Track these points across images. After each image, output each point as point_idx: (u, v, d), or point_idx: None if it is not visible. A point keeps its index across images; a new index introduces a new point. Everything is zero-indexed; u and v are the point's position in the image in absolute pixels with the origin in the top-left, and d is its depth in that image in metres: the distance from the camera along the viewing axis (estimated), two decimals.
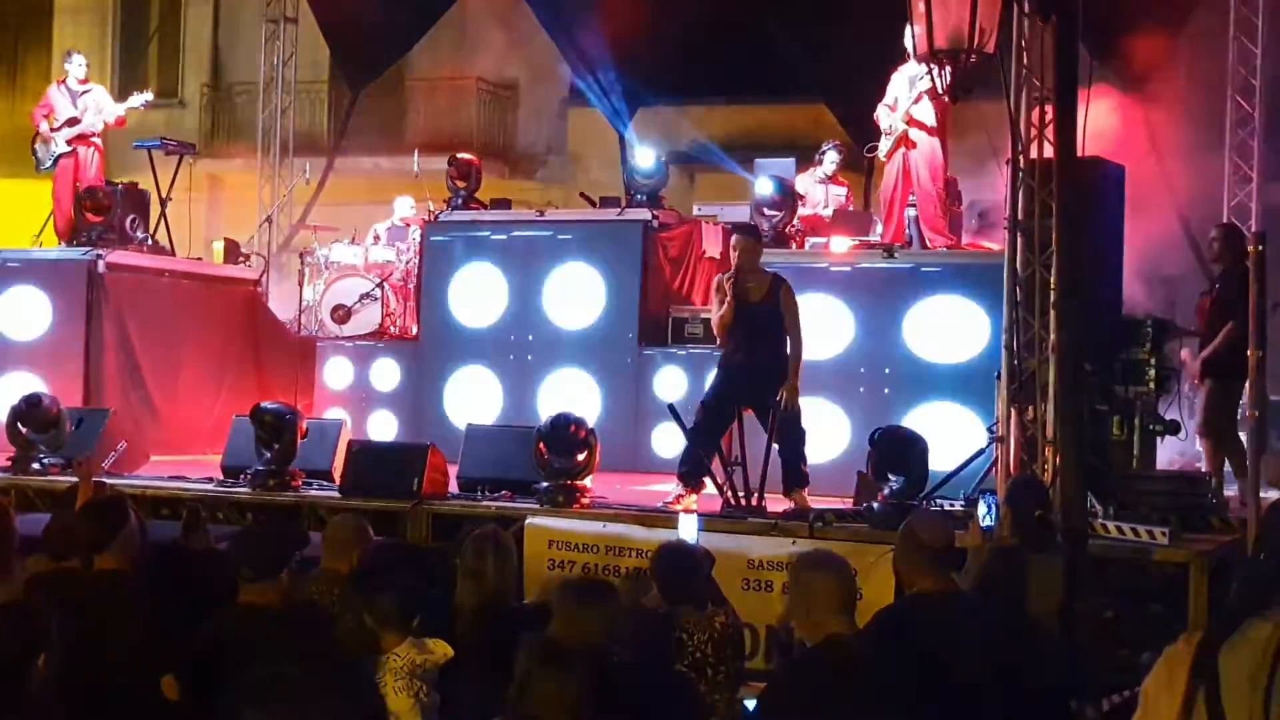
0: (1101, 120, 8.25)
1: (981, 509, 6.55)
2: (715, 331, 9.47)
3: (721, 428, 9.18)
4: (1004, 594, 5.81)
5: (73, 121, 13.45)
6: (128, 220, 13.17)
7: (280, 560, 5.14)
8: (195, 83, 22.14)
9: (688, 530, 6.74)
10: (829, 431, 10.30)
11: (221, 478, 9.92)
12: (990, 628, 5.35)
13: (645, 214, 12.32)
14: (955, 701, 5.07)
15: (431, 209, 13.60)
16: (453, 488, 9.40)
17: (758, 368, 9.07)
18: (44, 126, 13.56)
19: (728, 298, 9.05)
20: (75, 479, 9.21)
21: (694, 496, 8.90)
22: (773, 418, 8.90)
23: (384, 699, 5.29)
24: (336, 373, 13.36)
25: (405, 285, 14.21)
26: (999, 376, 8.83)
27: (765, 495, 8.67)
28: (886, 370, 10.41)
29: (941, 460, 8.85)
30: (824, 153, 13.19)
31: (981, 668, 5.21)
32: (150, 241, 13.53)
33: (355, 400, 13.11)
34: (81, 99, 13.54)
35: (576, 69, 17.46)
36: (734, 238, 9.39)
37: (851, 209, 13.02)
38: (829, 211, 12.58)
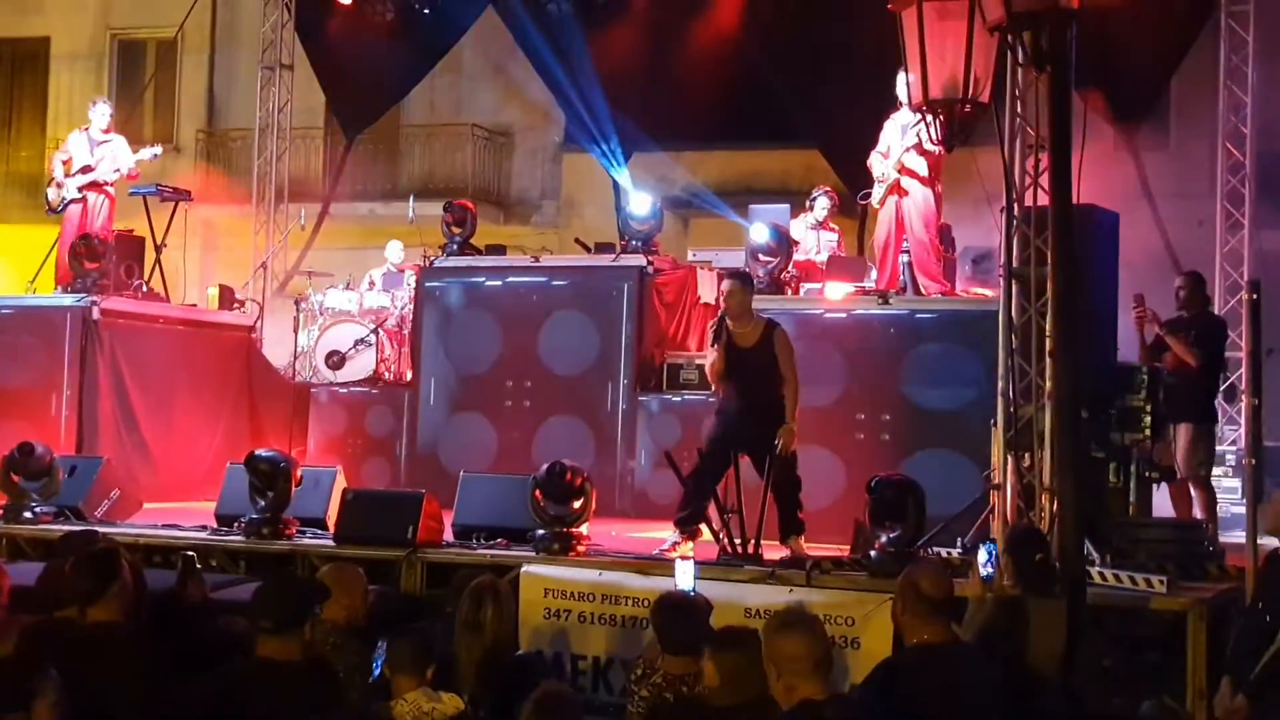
0: (1095, 167, 8.27)
1: (981, 557, 6.52)
2: (709, 378, 9.46)
3: (718, 474, 9.14)
4: (1006, 645, 5.80)
5: (87, 169, 13.48)
6: (122, 267, 13.17)
7: (302, 614, 5.08)
8: (191, 129, 22.17)
9: (684, 577, 6.70)
10: (825, 479, 10.28)
11: (215, 525, 9.87)
12: (992, 679, 5.33)
13: (640, 260, 12.35)
14: None
15: (426, 255, 13.61)
16: (448, 535, 9.36)
17: (752, 413, 9.05)
18: (59, 171, 13.61)
19: (718, 345, 9.05)
20: (69, 528, 9.19)
21: (690, 544, 8.87)
22: (769, 464, 8.88)
23: None
24: (331, 419, 13.33)
25: (400, 331, 14.20)
26: (995, 424, 8.82)
27: (762, 543, 8.63)
28: (884, 417, 10.39)
29: (938, 508, 8.82)
30: (814, 199, 13.22)
31: (981, 718, 5.19)
32: (145, 288, 13.53)
33: (350, 447, 13.07)
34: (100, 148, 13.58)
35: (571, 115, 17.53)
36: (724, 283, 9.40)
37: (844, 255, 13.04)
38: (821, 257, 12.60)
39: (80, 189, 13.48)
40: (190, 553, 6.72)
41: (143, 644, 5.48)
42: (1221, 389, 11.11)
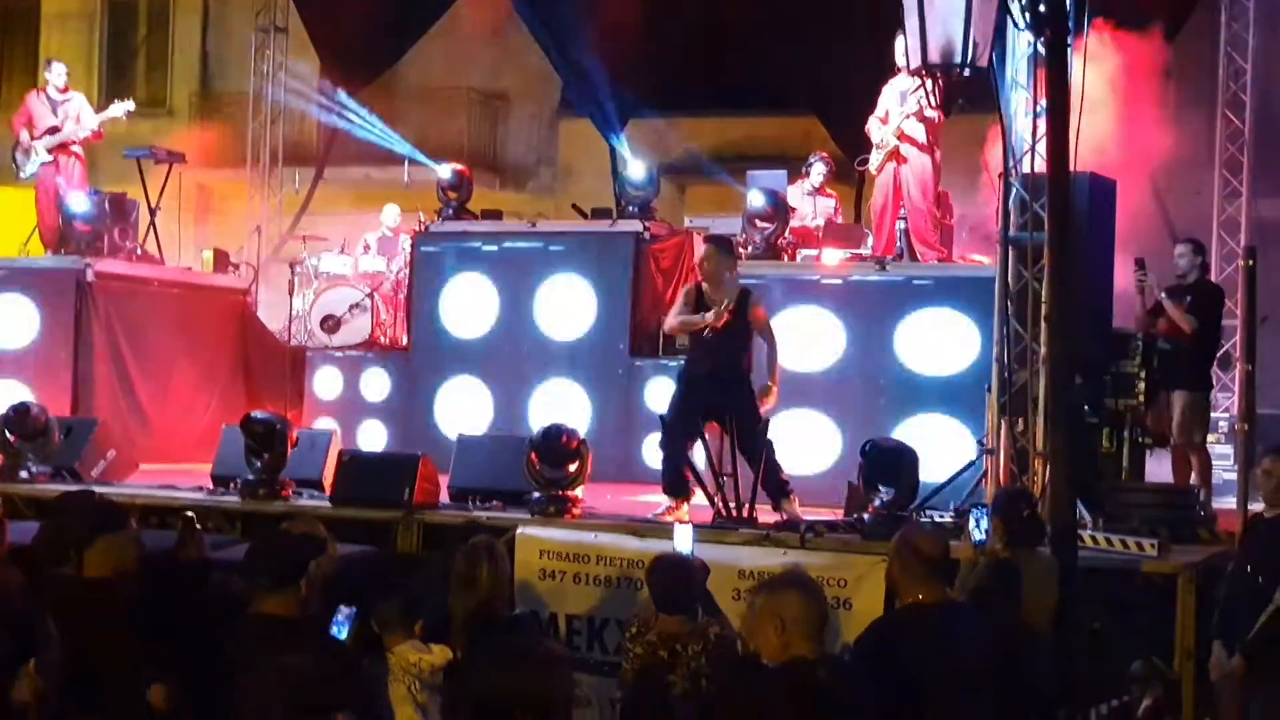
0: (1093, 133, 8.29)
1: (973, 522, 6.56)
2: (667, 329, 9.64)
3: (689, 438, 9.16)
4: (999, 605, 5.83)
5: (53, 130, 13.37)
6: (116, 229, 13.14)
7: (298, 570, 5.10)
8: (184, 92, 22.08)
9: (683, 541, 6.72)
10: (820, 443, 10.33)
11: (211, 487, 9.90)
12: (984, 638, 5.36)
13: (637, 225, 12.35)
14: (946, 712, 5.08)
15: (422, 219, 13.59)
16: (444, 498, 9.39)
17: (718, 378, 9.03)
18: (24, 135, 13.46)
19: (688, 307, 9.10)
20: (65, 488, 9.22)
21: (685, 507, 8.89)
22: (736, 429, 8.93)
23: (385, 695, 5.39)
24: (326, 382, 13.34)
25: (395, 295, 14.19)
26: (989, 389, 8.86)
27: (756, 506, 8.67)
28: (878, 382, 10.42)
29: (932, 472, 8.87)
30: (811, 164, 13.18)
31: (974, 678, 5.22)
32: (139, 251, 13.51)
33: (345, 410, 13.09)
34: (62, 107, 13.47)
35: (568, 81, 17.48)
36: (702, 247, 9.46)
37: (840, 221, 13.04)
38: (818, 223, 12.60)
39: (50, 150, 13.38)
40: (190, 513, 6.73)
41: (139, 601, 5.49)
42: (1216, 356, 11.12)
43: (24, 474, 10.07)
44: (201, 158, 18.73)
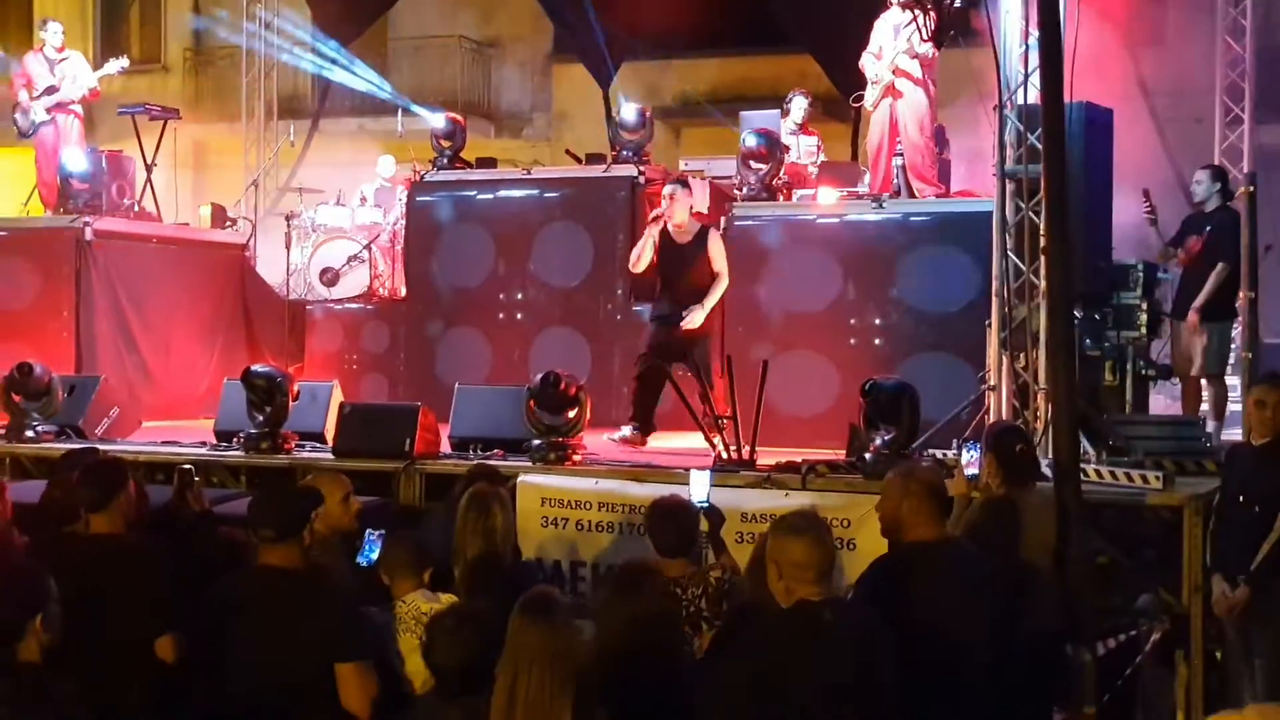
0: (1090, 63, 8.20)
1: (965, 457, 6.54)
2: (630, 263, 10.27)
3: (657, 382, 9.80)
4: (997, 543, 5.82)
5: (51, 90, 13.36)
6: (113, 187, 13.11)
7: (301, 521, 5.10)
8: (177, 48, 21.98)
9: (700, 487, 6.66)
10: (820, 383, 10.30)
11: (215, 442, 9.91)
12: (987, 575, 5.36)
13: (631, 170, 12.27)
14: (952, 648, 5.09)
15: (416, 169, 13.54)
16: (445, 448, 9.39)
17: (681, 319, 9.74)
18: (23, 96, 13.46)
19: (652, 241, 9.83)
20: (70, 446, 9.23)
21: (646, 439, 9.61)
22: (695, 368, 9.29)
23: (397, 644, 5.41)
24: (326, 335, 13.33)
25: (392, 247, 14.15)
26: (990, 324, 8.82)
27: (756, 449, 8.66)
28: (876, 321, 10.38)
29: (934, 410, 8.84)
30: (790, 100, 13.03)
31: (979, 615, 5.22)
32: (136, 208, 13.47)
33: (346, 363, 13.09)
34: (59, 67, 13.46)
35: (560, 25, 17.36)
36: (667, 187, 10.06)
37: (824, 159, 12.89)
38: (803, 162, 12.48)
39: (48, 110, 13.37)
40: (188, 465, 6.74)
41: (145, 555, 5.51)
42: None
43: (29, 433, 10.08)
44: (196, 113, 18.68)
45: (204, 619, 5.15)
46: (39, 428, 10.11)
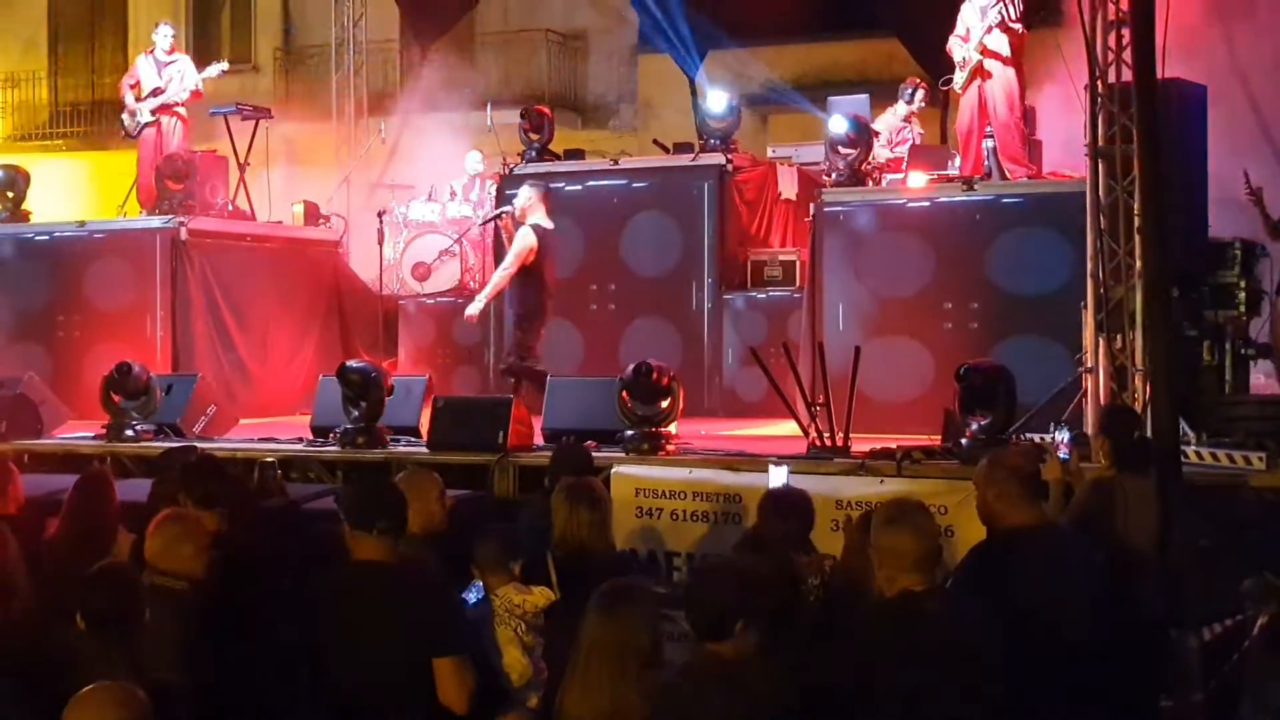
0: (1181, 40, 8.06)
1: (1058, 441, 6.46)
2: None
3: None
4: (1100, 525, 5.75)
5: (157, 92, 13.60)
6: (207, 187, 13.31)
7: (400, 515, 5.13)
8: (268, 47, 22.25)
9: (778, 479, 6.65)
10: (913, 369, 10.22)
11: (311, 437, 10.03)
12: (1089, 560, 5.29)
13: (719, 158, 12.27)
14: (1056, 635, 5.02)
15: (505, 162, 13.60)
16: (538, 440, 9.44)
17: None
18: (129, 98, 13.74)
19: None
20: (169, 445, 9.39)
21: None
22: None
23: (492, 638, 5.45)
24: (418, 330, 13.46)
25: (483, 240, 14.24)
26: (1085, 306, 8.71)
27: (850, 435, 8.61)
28: (970, 305, 10.28)
29: (1030, 394, 8.74)
30: (912, 89, 13.09)
31: (1084, 603, 5.15)
32: (231, 207, 13.67)
33: (439, 357, 13.20)
34: (167, 69, 13.71)
35: (645, 15, 17.33)
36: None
37: (919, 145, 12.82)
38: (900, 152, 12.41)
39: (153, 112, 13.62)
40: (269, 459, 6.82)
41: (246, 553, 5.59)
42: None
43: (129, 433, 10.26)
44: (287, 112, 18.87)
45: (303, 613, 5.19)
46: (138, 427, 10.28)
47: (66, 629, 4.60)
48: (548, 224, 10.56)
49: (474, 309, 10.60)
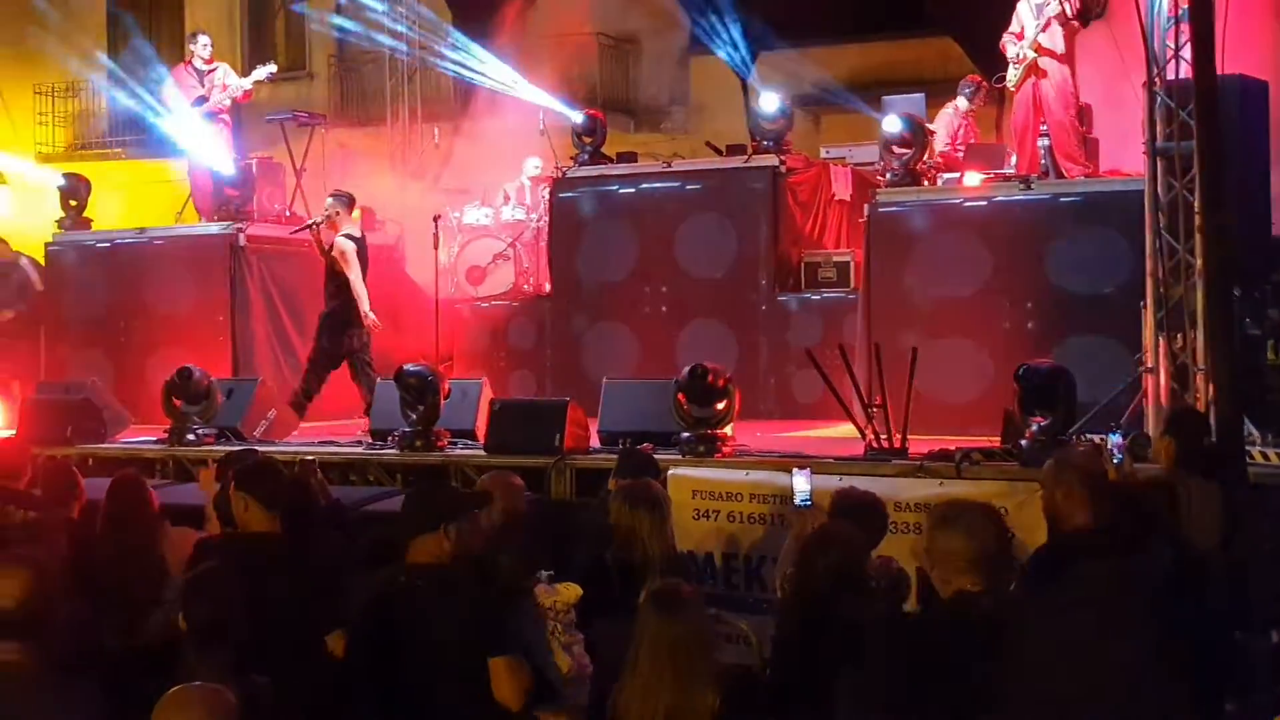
0: (1241, 35, 7.99)
1: (1111, 443, 6.40)
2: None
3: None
4: (1167, 528, 5.69)
5: (201, 100, 13.70)
6: (264, 193, 13.42)
7: (453, 517, 5.17)
8: (322, 55, 22.41)
9: (801, 485, 6.57)
10: (971, 370, 10.16)
11: (370, 440, 10.10)
12: (1159, 563, 5.24)
13: (772, 160, 12.24)
14: (1120, 638, 4.97)
15: (558, 166, 13.64)
16: (594, 442, 9.46)
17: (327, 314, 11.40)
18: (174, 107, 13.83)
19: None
20: (230, 448, 9.48)
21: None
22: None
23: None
24: (474, 333, 13.52)
25: (536, 243, 14.28)
26: (1145, 305, 8.64)
27: (908, 437, 8.57)
28: (1028, 305, 10.20)
29: (1089, 394, 8.68)
30: (974, 88, 13.00)
31: (1150, 604, 5.10)
32: (288, 213, 13.78)
33: (494, 360, 13.25)
34: (208, 78, 13.79)
35: (696, 18, 17.35)
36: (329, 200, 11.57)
37: (974, 143, 12.74)
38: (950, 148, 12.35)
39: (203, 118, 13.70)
40: (310, 457, 6.87)
41: (302, 553, 5.63)
42: None
43: (190, 436, 10.38)
44: (342, 118, 19.04)
45: (361, 613, 5.23)
46: (199, 431, 10.40)
47: (159, 631, 4.65)
48: (357, 232, 11.49)
49: (372, 317, 11.32)
